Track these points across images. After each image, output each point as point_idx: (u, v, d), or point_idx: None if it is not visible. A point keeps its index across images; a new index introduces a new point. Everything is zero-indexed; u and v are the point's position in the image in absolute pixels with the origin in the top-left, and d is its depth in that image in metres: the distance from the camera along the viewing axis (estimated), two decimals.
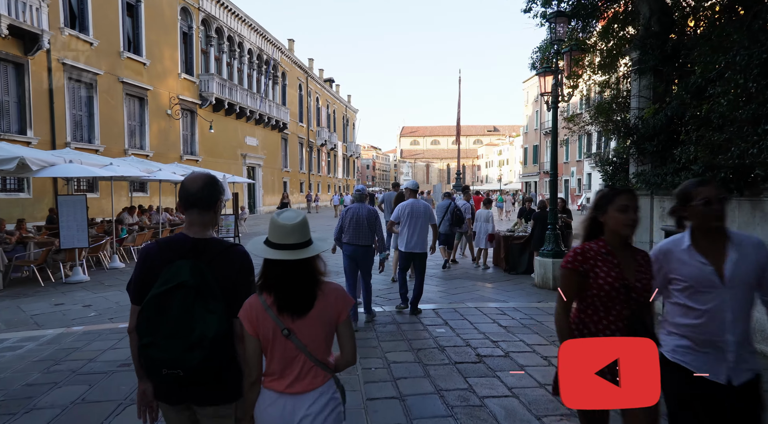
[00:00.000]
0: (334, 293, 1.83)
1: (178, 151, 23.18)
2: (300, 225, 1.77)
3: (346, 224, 5.70)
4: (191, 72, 24.37)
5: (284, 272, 1.74)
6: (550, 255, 8.07)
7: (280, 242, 1.74)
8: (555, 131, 8.44)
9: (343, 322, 1.83)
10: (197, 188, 1.82)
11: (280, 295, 1.74)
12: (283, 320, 1.74)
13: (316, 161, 45.11)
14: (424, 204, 6.36)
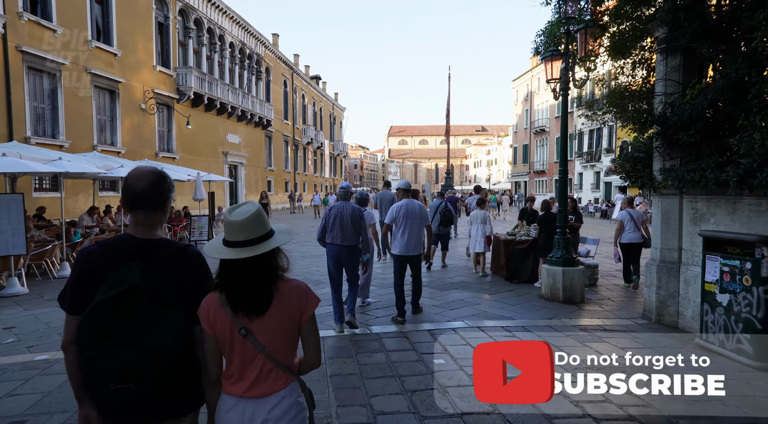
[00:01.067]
0: (297, 291, 1.76)
1: (153, 148, 21.88)
2: (251, 220, 1.68)
3: (329, 224, 5.48)
4: (168, 65, 23.06)
5: (236, 269, 1.68)
6: (559, 263, 7.09)
7: (232, 240, 1.68)
8: (565, 122, 7.46)
9: (307, 322, 1.76)
10: (143, 187, 1.68)
11: (232, 293, 1.67)
12: (240, 319, 1.68)
13: (302, 160, 43.88)
14: (419, 204, 6.07)
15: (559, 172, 7.35)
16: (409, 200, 6.07)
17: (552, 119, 43.85)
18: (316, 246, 13.38)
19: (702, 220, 5.60)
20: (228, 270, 1.68)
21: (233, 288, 1.67)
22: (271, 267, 1.71)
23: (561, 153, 7.41)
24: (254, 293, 1.67)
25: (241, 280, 1.67)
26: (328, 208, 5.64)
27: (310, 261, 10.87)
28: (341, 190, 5.73)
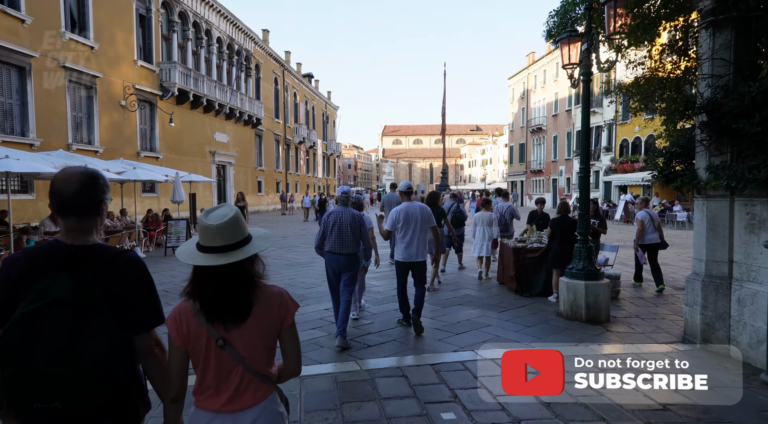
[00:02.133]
0: (276, 298, 1.68)
1: (135, 147, 20.76)
2: (228, 224, 1.58)
3: (328, 230, 5.18)
4: (150, 60, 21.93)
5: (211, 277, 1.58)
6: (581, 276, 6.11)
7: (207, 245, 1.58)
8: (586, 111, 6.47)
9: (287, 329, 1.69)
10: (73, 191, 1.52)
11: (207, 303, 1.58)
12: (216, 329, 1.58)
13: (293, 160, 42.78)
14: (420, 206, 5.67)
15: (580, 170, 6.37)
16: (410, 203, 5.67)
17: (549, 117, 43.02)
18: (304, 252, 12.34)
19: (763, 227, 4.63)
20: (203, 277, 1.60)
21: (209, 297, 1.58)
22: (250, 274, 1.63)
23: (582, 147, 6.43)
24: (232, 302, 1.58)
25: (218, 288, 1.58)
26: (327, 214, 5.31)
27: (296, 271, 9.84)
28: (341, 194, 5.39)
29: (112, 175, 10.34)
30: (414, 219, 5.51)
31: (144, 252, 12.64)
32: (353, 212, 5.25)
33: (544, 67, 43.95)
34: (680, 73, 6.79)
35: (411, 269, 5.58)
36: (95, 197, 1.57)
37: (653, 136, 29.50)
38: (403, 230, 5.51)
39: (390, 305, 6.79)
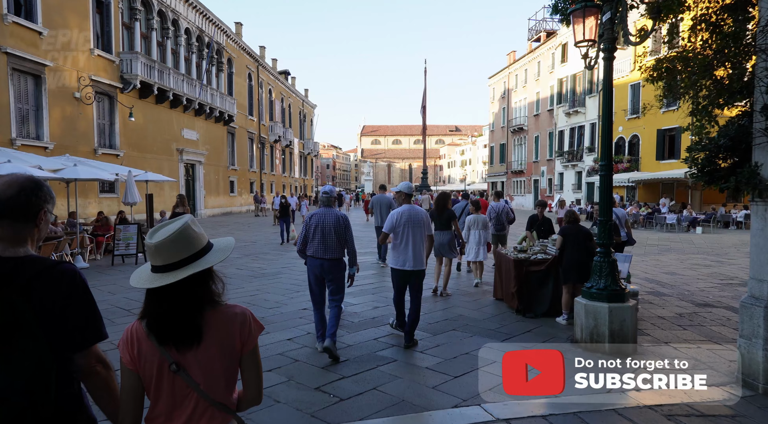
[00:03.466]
0: (238, 319, 1.54)
1: (91, 144, 19.06)
2: (168, 242, 1.46)
3: (310, 233, 4.87)
4: (109, 49, 20.24)
5: (155, 297, 1.48)
6: (603, 297, 4.99)
7: (153, 264, 1.49)
8: (608, 96, 5.35)
9: (248, 353, 1.55)
10: (11, 194, 1.44)
11: (155, 325, 1.47)
12: (170, 353, 1.46)
13: (269, 159, 41.18)
14: (421, 210, 5.33)
15: (602, 167, 5.25)
16: (411, 206, 5.31)
17: (530, 117, 42.40)
18: (272, 260, 11.02)
19: None
20: (149, 297, 1.50)
21: (155, 317, 1.48)
22: (195, 294, 1.48)
23: (603, 139, 5.30)
24: (180, 324, 1.46)
25: (164, 309, 1.47)
26: (309, 216, 4.98)
27: (259, 284, 8.51)
28: (323, 195, 5.07)
29: (45, 173, 8.86)
30: (416, 224, 5.13)
31: (89, 261, 11.14)
32: (337, 213, 4.92)
33: (525, 66, 43.34)
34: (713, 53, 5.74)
35: (409, 278, 5.14)
36: (34, 204, 1.47)
37: (637, 136, 29.00)
38: (403, 234, 5.09)
39: (369, 332, 5.59)
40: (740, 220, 20.60)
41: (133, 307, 6.89)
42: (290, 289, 7.92)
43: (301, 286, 8.13)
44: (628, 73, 29.31)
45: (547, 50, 38.99)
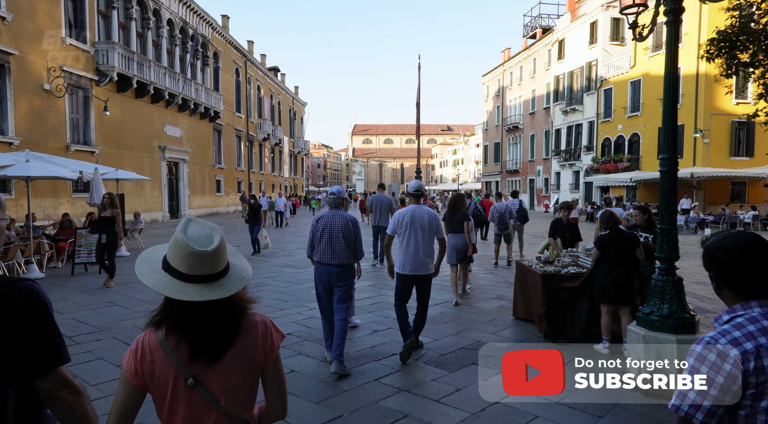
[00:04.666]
0: (259, 328, 1.42)
1: (63, 140, 17.72)
2: (221, 249, 1.35)
3: (317, 237, 4.53)
4: (83, 38, 18.90)
5: (200, 309, 1.32)
6: (668, 327, 3.91)
7: (192, 273, 1.32)
8: (671, 69, 4.26)
9: (271, 365, 1.43)
10: None
11: (193, 337, 1.33)
12: (190, 367, 1.34)
13: (257, 157, 39.87)
14: (429, 212, 4.92)
15: (664, 162, 4.18)
16: (417, 206, 4.98)
17: (526, 115, 41.49)
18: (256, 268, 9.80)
19: None
20: (189, 310, 1.32)
21: (193, 331, 1.33)
22: (237, 305, 1.39)
23: (666, 123, 4.23)
24: (219, 335, 1.35)
25: (200, 323, 1.33)
26: (316, 218, 4.70)
27: None
28: (331, 195, 4.75)
29: None
30: (420, 225, 4.79)
31: (49, 269, 9.89)
32: (346, 216, 4.60)
33: (520, 63, 42.43)
34: None
35: (415, 283, 4.81)
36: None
37: (637, 134, 28.16)
38: (406, 235, 4.79)
39: (369, 369, 4.46)
40: (748, 221, 19.75)
41: (99, 323, 5.84)
42: (272, 305, 6.77)
43: (287, 302, 6.99)
44: (627, 70, 28.48)
45: (543, 47, 38.10)
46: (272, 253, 12.41)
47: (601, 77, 30.85)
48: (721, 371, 1.26)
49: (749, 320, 1.31)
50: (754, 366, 1.24)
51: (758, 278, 1.35)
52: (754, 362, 1.24)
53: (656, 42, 26.41)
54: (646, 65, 27.08)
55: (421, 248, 4.74)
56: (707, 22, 23.27)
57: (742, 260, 1.36)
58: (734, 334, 1.29)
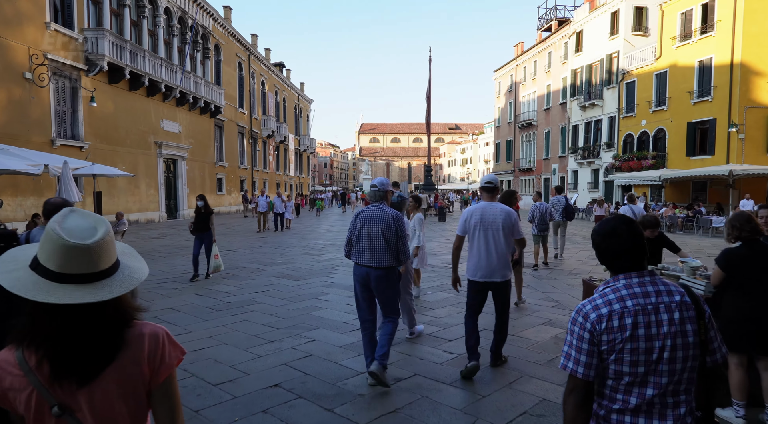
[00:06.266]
0: (147, 341, 1.18)
1: (48, 134, 16.35)
2: (104, 243, 1.12)
3: (355, 235, 4.04)
4: (70, 25, 17.52)
5: (68, 316, 1.09)
6: None
7: (65, 272, 1.08)
8: None
9: (161, 385, 1.19)
10: None
11: (55, 353, 1.09)
12: (55, 392, 1.10)
13: (261, 155, 38.47)
14: (503, 209, 4.21)
15: None
16: (489, 203, 4.26)
17: (540, 112, 39.79)
18: (247, 280, 8.34)
19: None
20: (52, 317, 1.09)
21: (60, 346, 1.09)
22: (117, 312, 1.15)
23: None
24: (94, 351, 1.10)
25: (78, 333, 1.09)
26: (355, 214, 4.09)
27: (216, 324, 5.80)
28: (372, 188, 4.09)
29: None
30: (492, 225, 4.20)
31: None
32: (388, 211, 3.99)
33: (534, 57, 40.72)
34: None
35: (488, 291, 4.27)
36: None
37: (663, 130, 26.39)
38: (476, 237, 4.22)
39: None
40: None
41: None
42: (260, 335, 5.25)
43: (278, 329, 5.47)
44: (652, 61, 26.73)
45: (559, 40, 36.38)
46: (269, 261, 10.90)
47: (622, 70, 29.10)
48: (585, 329, 1.55)
49: (613, 290, 1.59)
50: (605, 327, 1.53)
51: (616, 256, 1.61)
52: (606, 324, 1.53)
53: (684, 31, 24.69)
54: (673, 56, 25.34)
55: (494, 251, 4.13)
56: (743, 8, 21.56)
57: (603, 241, 1.64)
58: (597, 301, 1.58)
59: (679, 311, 1.53)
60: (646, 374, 1.51)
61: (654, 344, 1.50)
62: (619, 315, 1.51)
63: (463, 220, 4.29)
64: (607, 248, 1.62)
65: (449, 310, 6.33)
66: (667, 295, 1.55)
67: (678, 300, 1.54)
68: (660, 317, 1.51)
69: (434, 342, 4.98)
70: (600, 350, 1.52)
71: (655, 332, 1.50)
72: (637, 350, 1.50)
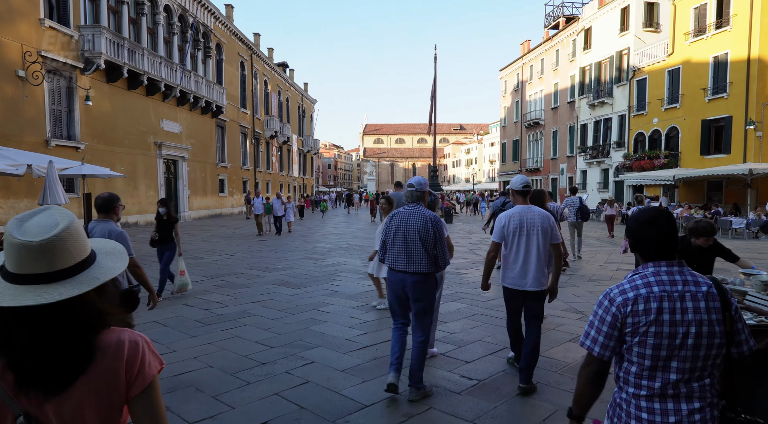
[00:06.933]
0: (125, 349, 1.09)
1: (42, 134, 15.83)
2: (59, 241, 1.04)
3: (390, 238, 3.78)
4: (65, 21, 17.01)
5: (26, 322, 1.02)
6: None
7: (19, 272, 1.04)
8: None
9: (138, 397, 1.09)
10: None
11: (20, 362, 1.02)
12: (21, 401, 1.04)
13: (264, 156, 37.92)
14: (541, 213, 3.94)
15: None
16: (527, 207, 3.97)
17: (548, 111, 39.05)
18: (245, 287, 7.73)
19: None
20: (11, 322, 1.03)
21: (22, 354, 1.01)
22: (95, 311, 1.07)
23: None
24: (61, 359, 1.02)
25: (24, 338, 1.02)
26: (390, 216, 3.85)
27: (204, 340, 5.20)
28: (409, 188, 3.82)
29: None
30: (532, 230, 3.88)
31: None
32: (425, 213, 3.71)
33: (541, 55, 40.01)
34: None
35: (522, 299, 3.96)
36: None
37: (676, 128, 25.63)
38: (515, 243, 3.89)
39: None
40: None
41: None
42: (252, 355, 4.63)
43: (272, 348, 4.86)
44: (664, 58, 25.99)
45: (567, 37, 35.68)
46: (268, 266, 10.28)
47: (633, 67, 28.37)
48: (609, 312, 1.64)
49: (641, 276, 1.65)
50: (630, 310, 1.60)
51: (652, 244, 1.66)
52: (631, 307, 1.60)
53: (698, 26, 23.95)
54: (686, 52, 24.59)
55: (533, 258, 3.87)
56: (760, 1, 20.81)
57: (642, 229, 1.69)
58: (625, 286, 1.66)
59: (705, 301, 1.58)
60: (668, 358, 1.56)
61: (678, 329, 1.56)
62: (645, 299, 1.58)
63: (500, 226, 3.95)
64: (645, 236, 1.68)
65: (464, 324, 5.69)
66: (694, 285, 1.61)
67: (705, 291, 1.59)
68: (685, 305, 1.57)
69: (449, 364, 4.36)
70: (624, 332, 1.61)
71: (679, 319, 1.56)
72: (660, 334, 1.56)
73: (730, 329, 1.57)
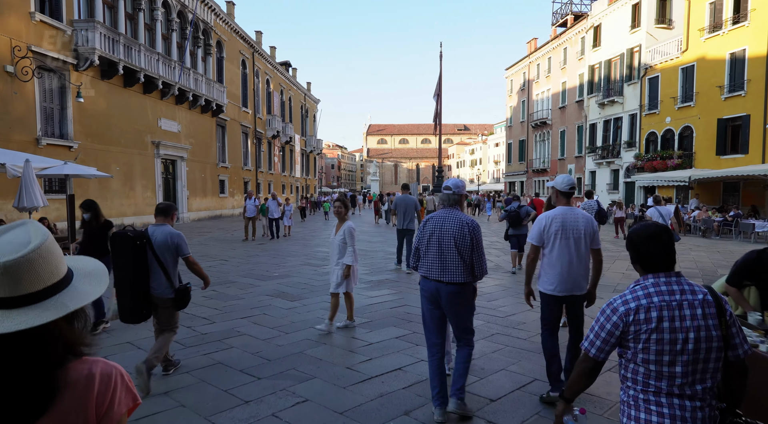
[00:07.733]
0: (96, 383, 1.00)
1: (33, 132, 15.17)
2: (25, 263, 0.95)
3: (423, 244, 3.54)
4: (57, 15, 16.36)
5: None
6: None
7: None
8: None
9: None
10: None
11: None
12: None
13: (266, 156, 37.24)
14: (584, 216, 3.72)
15: None
16: (569, 208, 3.71)
17: (555, 110, 38.22)
18: (242, 296, 6.98)
19: None
20: None
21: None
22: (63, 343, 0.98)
23: None
24: (14, 396, 0.93)
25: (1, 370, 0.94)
26: (424, 221, 3.59)
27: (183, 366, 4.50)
28: (445, 191, 3.56)
29: None
30: (575, 232, 3.63)
31: None
32: (462, 218, 3.47)
33: (548, 54, 39.18)
34: None
35: (565, 305, 3.77)
36: None
37: (690, 127, 24.78)
38: (557, 246, 3.64)
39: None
40: None
41: None
42: (234, 389, 3.89)
43: (259, 379, 4.12)
44: (678, 55, 25.15)
45: (576, 35, 34.84)
46: (264, 273, 9.54)
47: (645, 65, 27.53)
48: (610, 321, 1.78)
49: (642, 287, 1.79)
50: (632, 319, 1.73)
51: (654, 257, 1.80)
52: (633, 316, 1.73)
53: (714, 22, 23.10)
54: (701, 48, 23.75)
55: (575, 262, 3.67)
56: None
57: (644, 243, 1.83)
58: (627, 297, 1.80)
59: (701, 308, 1.71)
60: (672, 363, 1.68)
61: (677, 335, 1.69)
62: (645, 309, 1.72)
63: (540, 228, 3.71)
64: (647, 249, 1.82)
65: (482, 347, 4.93)
66: (691, 294, 1.74)
67: (701, 299, 1.73)
68: (683, 312, 1.71)
69: (473, 402, 3.61)
70: (627, 338, 1.75)
71: (678, 326, 1.69)
72: (662, 341, 1.69)
73: (725, 332, 1.70)
